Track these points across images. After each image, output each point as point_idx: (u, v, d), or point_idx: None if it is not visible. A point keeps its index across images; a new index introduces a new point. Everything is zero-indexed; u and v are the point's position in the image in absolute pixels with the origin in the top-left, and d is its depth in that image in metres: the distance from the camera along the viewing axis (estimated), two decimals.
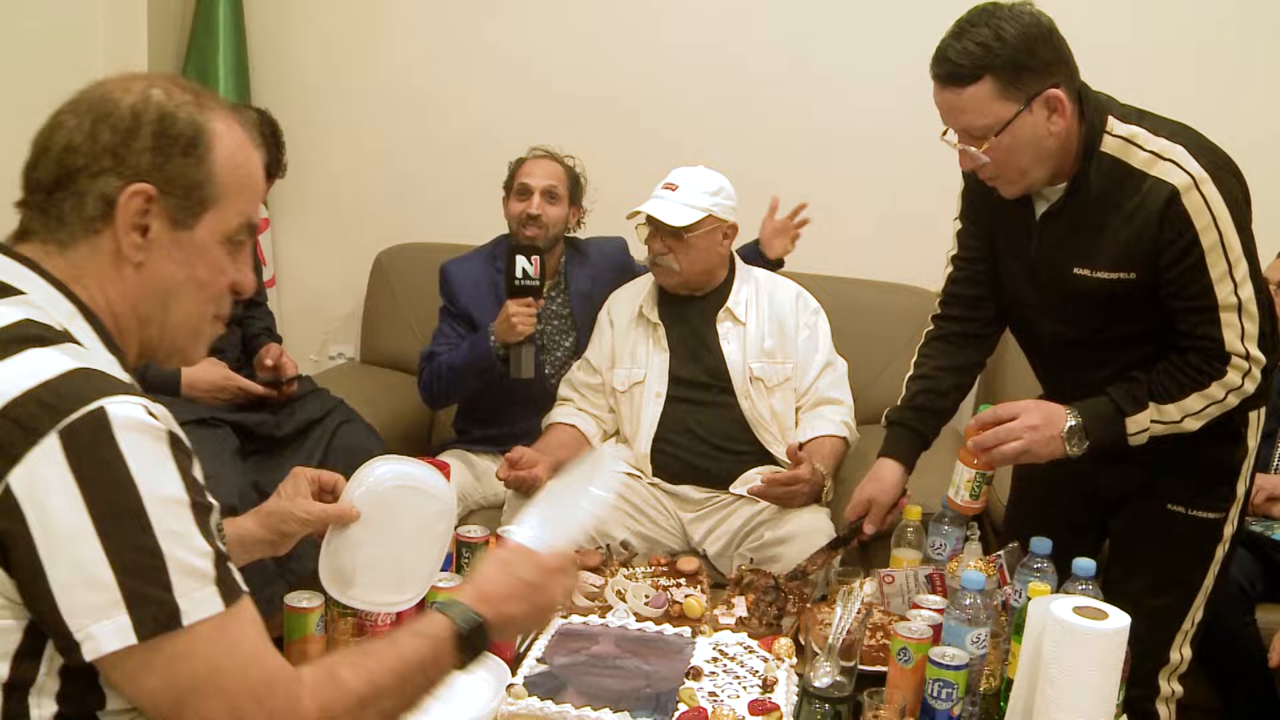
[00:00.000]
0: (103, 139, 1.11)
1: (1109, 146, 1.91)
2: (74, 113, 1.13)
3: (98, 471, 0.99)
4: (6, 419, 0.99)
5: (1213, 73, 3.25)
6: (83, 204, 1.12)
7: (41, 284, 1.11)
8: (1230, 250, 1.85)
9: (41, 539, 0.98)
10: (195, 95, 1.16)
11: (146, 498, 1.00)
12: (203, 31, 3.64)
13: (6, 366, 1.02)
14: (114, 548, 0.98)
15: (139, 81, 1.15)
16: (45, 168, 1.13)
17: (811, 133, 3.49)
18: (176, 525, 1.01)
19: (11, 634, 1.02)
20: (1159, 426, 1.93)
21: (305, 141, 3.80)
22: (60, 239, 1.13)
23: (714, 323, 2.77)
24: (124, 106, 1.12)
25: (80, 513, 0.98)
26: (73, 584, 0.98)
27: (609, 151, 3.31)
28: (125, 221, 1.12)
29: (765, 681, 1.74)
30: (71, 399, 1.00)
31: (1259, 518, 2.66)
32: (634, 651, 1.84)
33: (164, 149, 1.12)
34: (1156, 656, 2.09)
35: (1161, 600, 2.06)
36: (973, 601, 1.71)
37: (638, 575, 2.15)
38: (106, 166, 1.11)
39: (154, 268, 1.14)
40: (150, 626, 1.00)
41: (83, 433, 0.99)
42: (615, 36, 3.58)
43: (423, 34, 3.70)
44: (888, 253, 3.41)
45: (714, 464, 2.72)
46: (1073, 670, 1.53)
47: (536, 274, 2.67)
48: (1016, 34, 1.82)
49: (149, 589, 0.99)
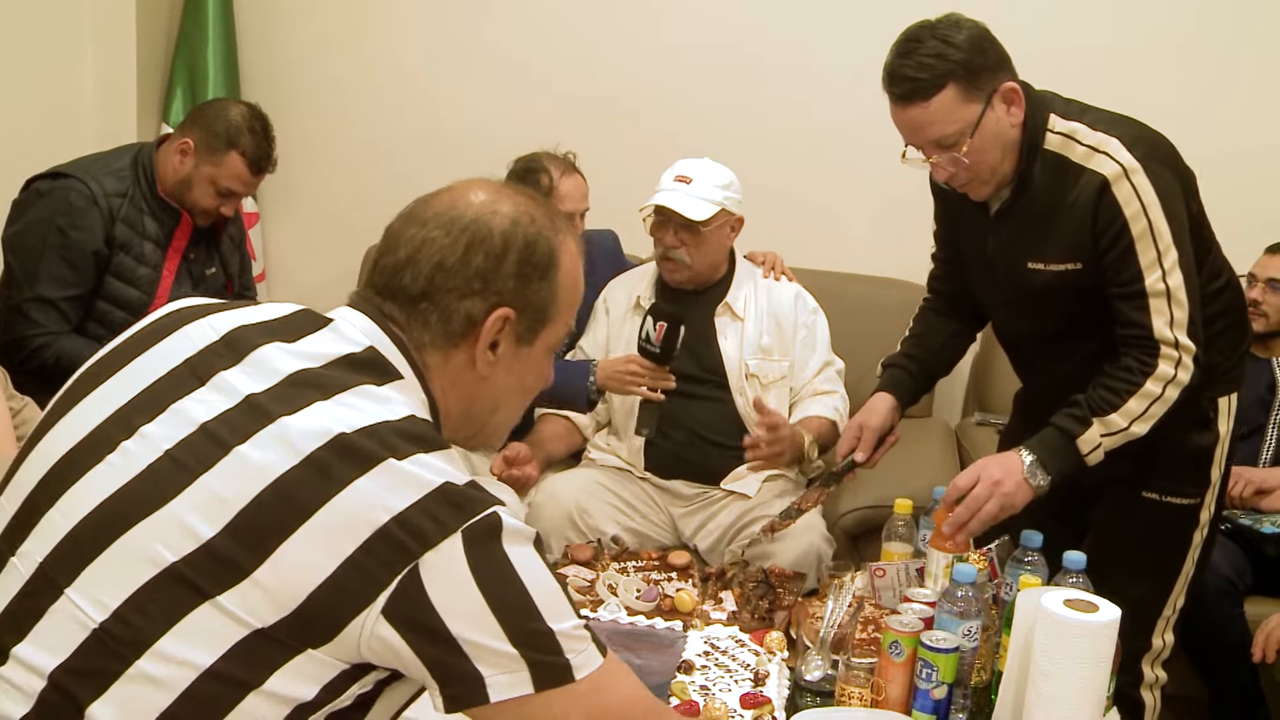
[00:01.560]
0: (475, 263, 1.20)
1: (1051, 143, 1.99)
2: (446, 231, 1.20)
3: (492, 567, 1.08)
4: (423, 510, 1.06)
5: (1195, 74, 3.27)
6: (449, 320, 1.20)
7: (411, 374, 1.19)
8: (1160, 238, 1.91)
9: (448, 616, 1.06)
10: (550, 219, 1.26)
11: (532, 592, 1.10)
12: (192, 27, 3.63)
13: (419, 463, 1.09)
14: (511, 628, 1.09)
15: (505, 203, 1.23)
16: (413, 278, 1.20)
17: (809, 130, 3.50)
18: (557, 608, 1.12)
19: (334, 669, 1.09)
20: (1110, 439, 1.96)
21: (295, 137, 3.78)
22: (418, 340, 1.21)
23: (712, 317, 2.77)
24: (496, 234, 1.21)
25: (478, 598, 1.07)
26: (479, 650, 1.08)
27: (603, 148, 3.29)
28: (485, 341, 1.21)
29: (757, 675, 1.75)
30: (474, 504, 1.09)
31: (1248, 511, 2.68)
32: (626, 645, 1.84)
33: (526, 275, 1.22)
34: (1139, 643, 2.13)
35: (1141, 587, 2.09)
36: (964, 594, 1.72)
37: (629, 569, 2.16)
38: (476, 289, 1.20)
39: (495, 380, 1.25)
40: (546, 680, 1.11)
41: (480, 534, 1.08)
42: (610, 33, 3.57)
43: (414, 28, 3.69)
44: (884, 248, 3.42)
45: (706, 459, 2.72)
46: (1063, 663, 1.53)
47: (659, 341, 2.48)
48: (964, 39, 1.90)
49: (544, 656, 1.11)
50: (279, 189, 3.80)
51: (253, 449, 1.08)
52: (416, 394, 1.19)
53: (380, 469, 1.07)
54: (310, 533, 1.04)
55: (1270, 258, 2.94)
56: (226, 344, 1.17)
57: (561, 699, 1.12)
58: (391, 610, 1.05)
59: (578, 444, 2.92)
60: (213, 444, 1.09)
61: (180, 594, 1.05)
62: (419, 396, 1.19)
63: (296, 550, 1.04)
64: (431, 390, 1.21)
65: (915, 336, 2.36)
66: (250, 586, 1.04)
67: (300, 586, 1.04)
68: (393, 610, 1.05)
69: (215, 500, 1.06)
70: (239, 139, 2.64)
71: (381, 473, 1.07)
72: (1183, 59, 3.28)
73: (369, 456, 1.07)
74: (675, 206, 2.64)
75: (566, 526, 2.57)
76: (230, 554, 1.05)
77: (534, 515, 2.60)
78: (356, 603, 1.05)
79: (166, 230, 2.72)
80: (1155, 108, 3.23)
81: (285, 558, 1.04)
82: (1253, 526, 2.60)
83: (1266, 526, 2.58)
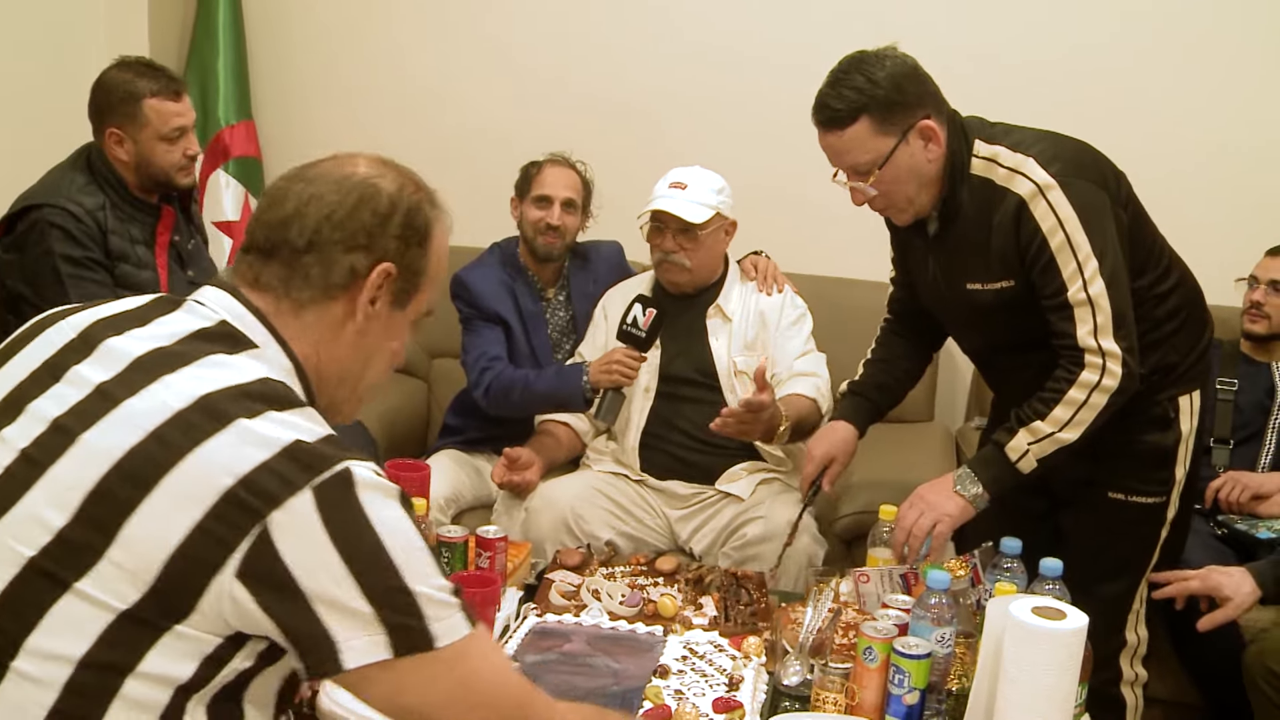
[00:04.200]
0: (362, 219, 1.25)
1: (976, 168, 2.06)
2: (335, 189, 1.25)
3: (346, 523, 1.09)
4: (268, 470, 1.08)
5: (1200, 75, 3.25)
6: (331, 271, 1.24)
7: (270, 339, 1.23)
8: (1078, 250, 1.97)
9: (301, 576, 1.07)
10: (430, 196, 1.32)
11: (390, 548, 1.11)
12: (203, 36, 3.69)
13: (266, 422, 1.11)
14: (368, 587, 1.09)
15: (390, 172, 1.30)
16: (300, 231, 1.24)
17: (804, 132, 3.47)
18: (418, 567, 1.12)
19: (207, 645, 1.11)
20: (1037, 446, 2.02)
21: (305, 142, 3.83)
22: (298, 297, 1.24)
23: (704, 319, 2.80)
24: (384, 195, 1.26)
25: (333, 556, 1.08)
26: (334, 610, 1.08)
27: (609, 152, 3.32)
28: (367, 294, 1.25)
29: (731, 679, 1.76)
30: (323, 459, 1.10)
31: (1244, 516, 2.67)
32: (605, 650, 1.86)
33: (407, 239, 1.27)
34: (1113, 640, 2.19)
35: (1114, 586, 2.17)
36: (938, 601, 1.73)
37: (616, 575, 2.18)
38: (361, 244, 1.25)
39: (370, 335, 1.29)
40: (406, 646, 1.11)
41: (332, 490, 1.09)
42: (616, 37, 3.59)
43: (423, 34, 3.72)
44: (877, 252, 3.41)
45: (701, 459, 2.75)
46: (1031, 670, 1.54)
47: (646, 326, 2.58)
48: (885, 76, 1.99)
49: (404, 619, 1.11)
50: None
51: (97, 434, 1.11)
52: (276, 360, 1.22)
53: (226, 432, 1.09)
54: (155, 504, 1.07)
55: (1272, 259, 2.91)
56: (82, 339, 1.21)
57: (423, 667, 1.12)
58: (245, 571, 1.07)
59: (578, 449, 2.95)
60: (62, 436, 1.12)
61: (42, 587, 1.08)
62: (279, 362, 1.22)
63: (145, 523, 1.06)
64: (296, 354, 1.24)
65: (880, 362, 2.44)
66: (107, 567, 1.06)
67: (153, 559, 1.06)
68: (246, 571, 1.07)
69: (63, 488, 1.09)
70: (137, 88, 2.57)
71: (227, 435, 1.09)
72: (1188, 60, 3.26)
73: (213, 421, 1.10)
74: (675, 210, 2.68)
75: (562, 532, 2.59)
76: (83, 538, 1.07)
77: (530, 521, 2.63)
78: (209, 569, 1.07)
79: (149, 229, 2.68)
80: (1161, 108, 3.26)
81: (135, 532, 1.06)
82: (1249, 532, 2.58)
83: (1262, 532, 2.57)
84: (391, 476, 2.08)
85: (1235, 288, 3.05)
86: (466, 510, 2.94)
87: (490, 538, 2.06)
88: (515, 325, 2.93)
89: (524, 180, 2.96)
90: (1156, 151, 3.12)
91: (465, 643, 1.14)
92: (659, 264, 2.80)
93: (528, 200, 2.94)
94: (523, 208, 2.95)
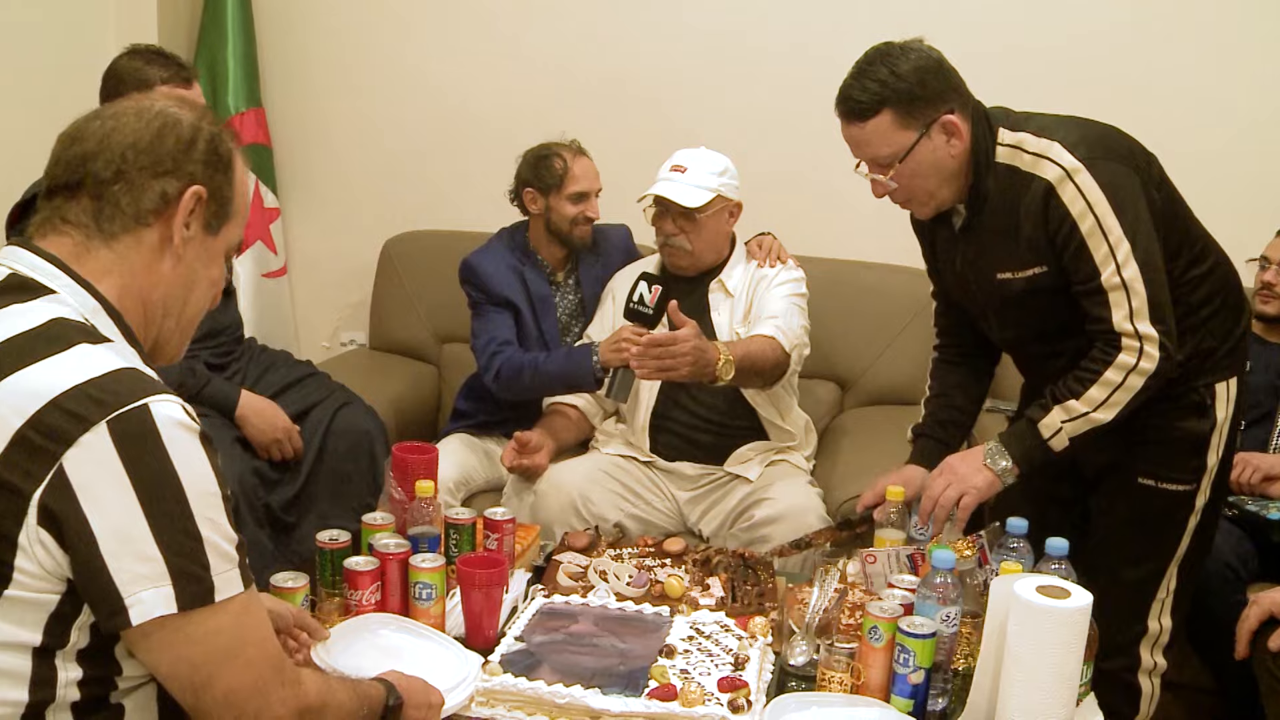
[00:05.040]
0: (167, 145, 1.26)
1: (1001, 156, 2.03)
2: (137, 118, 1.27)
3: (144, 461, 1.11)
4: (58, 408, 1.10)
5: (1213, 55, 3.22)
6: (140, 198, 1.25)
7: (69, 282, 1.23)
8: (1109, 233, 1.94)
9: (93, 515, 1.09)
10: (229, 130, 1.35)
11: (187, 488, 1.13)
12: (212, 27, 3.69)
13: (56, 362, 1.13)
14: (160, 528, 1.11)
15: (187, 106, 1.32)
16: (106, 163, 1.24)
17: (814, 115, 3.46)
18: (212, 514, 1.15)
19: (47, 604, 1.13)
20: (1071, 424, 2.01)
21: (314, 133, 3.86)
22: (109, 229, 1.25)
23: (706, 295, 2.81)
24: (185, 124, 1.28)
25: (129, 495, 1.10)
26: (123, 555, 1.10)
27: (615, 136, 3.32)
28: (181, 217, 1.27)
29: (737, 659, 1.77)
30: (119, 395, 1.12)
31: (1255, 497, 2.65)
32: (611, 630, 1.87)
33: (213, 164, 1.30)
34: (1135, 627, 2.16)
35: (1137, 571, 2.14)
36: (943, 580, 1.74)
37: (624, 556, 2.19)
38: (169, 169, 1.26)
39: (187, 263, 1.30)
40: (189, 599, 1.13)
41: (130, 426, 1.11)
42: (621, 22, 3.58)
43: (430, 25, 3.72)
44: (888, 235, 3.40)
45: (711, 439, 2.76)
46: (1035, 648, 1.55)
47: (653, 303, 2.54)
48: (909, 69, 1.97)
49: (190, 566, 1.13)
50: (299, 184, 3.87)
51: None
52: (76, 299, 1.22)
53: (14, 377, 1.12)
54: None
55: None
56: None
57: (206, 620, 1.15)
58: (43, 514, 1.09)
59: (587, 432, 2.96)
60: None
61: None
62: (80, 301, 1.23)
63: None
64: (103, 293, 1.25)
65: (937, 398, 2.37)
66: None
67: None
68: (44, 513, 1.09)
69: None
70: (148, 75, 2.52)
71: (16, 379, 1.12)
72: (1201, 41, 3.23)
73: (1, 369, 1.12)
74: (671, 195, 2.69)
75: (570, 514, 2.60)
76: None
77: (538, 503, 2.65)
78: (15, 518, 1.09)
79: None
80: (1169, 91, 3.23)
81: None
82: (1259, 513, 2.57)
83: (1273, 513, 2.55)
84: (399, 459, 2.13)
85: (1246, 268, 3.02)
86: (478, 493, 2.95)
87: (498, 520, 2.08)
88: (524, 309, 2.94)
89: (548, 174, 2.90)
90: (1167, 133, 3.10)
91: (245, 600, 1.18)
92: (662, 247, 2.82)
93: (560, 196, 2.90)
94: (550, 201, 2.91)
